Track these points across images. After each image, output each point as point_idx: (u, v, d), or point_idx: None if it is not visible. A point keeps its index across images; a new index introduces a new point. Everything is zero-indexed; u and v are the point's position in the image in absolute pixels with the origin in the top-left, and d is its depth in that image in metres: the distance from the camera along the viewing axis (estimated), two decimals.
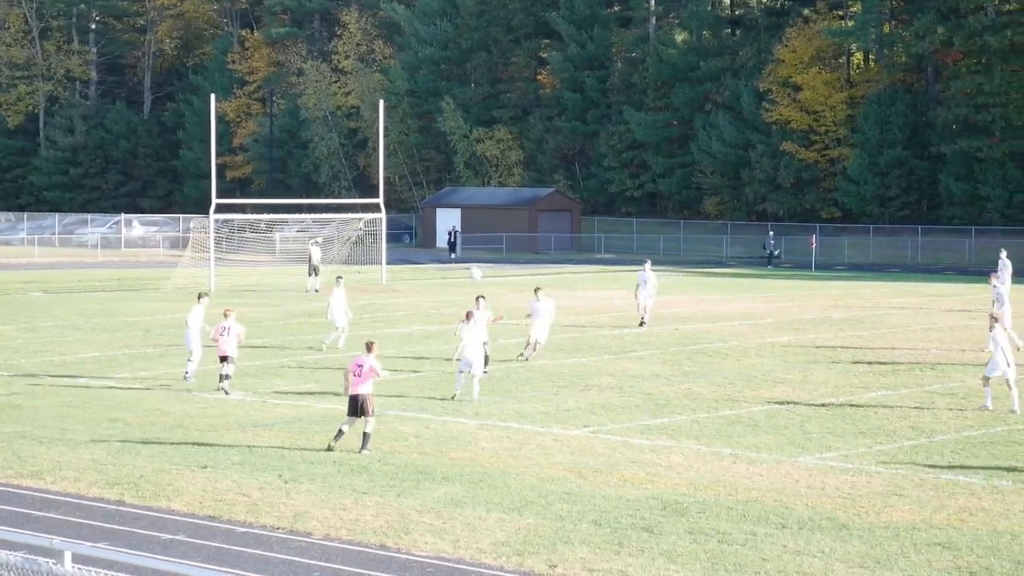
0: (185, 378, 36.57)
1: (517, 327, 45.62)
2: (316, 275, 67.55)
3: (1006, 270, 54.49)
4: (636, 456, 26.59)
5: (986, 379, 31.70)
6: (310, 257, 68.62)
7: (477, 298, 38.16)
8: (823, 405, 32.57)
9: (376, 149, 79.04)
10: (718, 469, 25.42)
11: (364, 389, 27.20)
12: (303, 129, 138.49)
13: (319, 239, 72.23)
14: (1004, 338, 31.92)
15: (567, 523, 21.41)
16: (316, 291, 65.78)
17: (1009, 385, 31.39)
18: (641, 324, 49.06)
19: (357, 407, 27.11)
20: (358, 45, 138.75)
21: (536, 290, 41.89)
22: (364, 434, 27.08)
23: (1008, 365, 31.31)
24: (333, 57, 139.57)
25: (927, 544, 20.16)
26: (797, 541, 20.33)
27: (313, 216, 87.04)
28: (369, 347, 27.86)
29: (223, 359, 34.45)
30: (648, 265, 50.54)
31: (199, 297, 38.86)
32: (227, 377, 34.40)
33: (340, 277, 47.01)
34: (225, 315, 35.29)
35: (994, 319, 33.38)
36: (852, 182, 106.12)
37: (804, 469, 25.44)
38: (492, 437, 28.56)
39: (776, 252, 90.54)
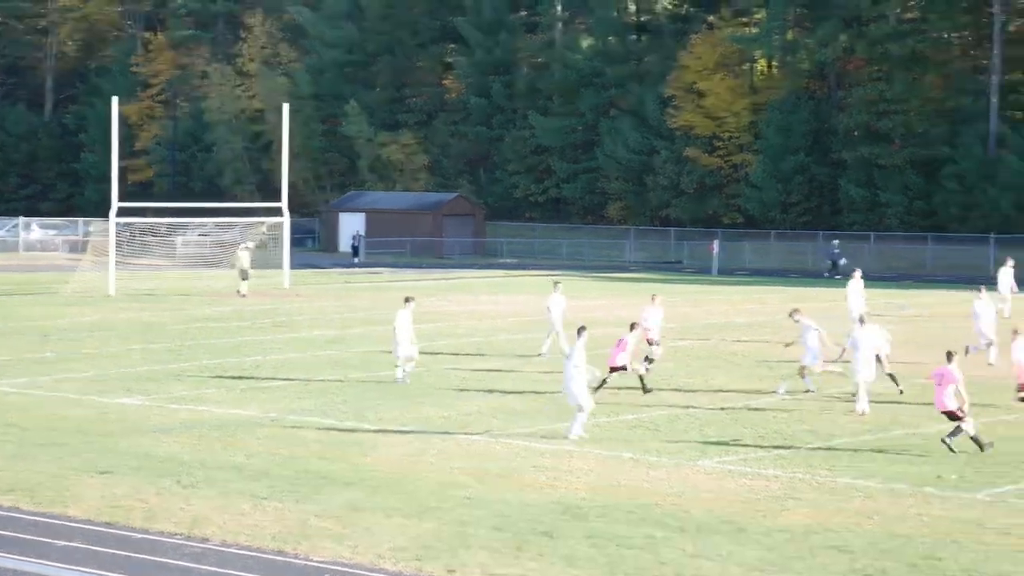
0: (398, 380, 36.79)
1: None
2: (246, 279, 66.80)
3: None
4: (537, 461, 26.62)
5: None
6: (239, 262, 67.77)
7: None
8: (723, 409, 32.76)
9: (280, 153, 78.53)
10: (618, 473, 25.50)
11: (948, 405, 27.41)
12: (207, 132, 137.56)
13: (250, 244, 71.56)
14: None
15: (467, 528, 21.39)
16: (243, 295, 65.25)
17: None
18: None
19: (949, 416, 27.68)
20: (263, 48, 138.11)
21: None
22: (972, 438, 27.39)
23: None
24: (238, 60, 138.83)
25: (824, 547, 20.31)
26: (695, 544, 20.42)
27: (216, 220, 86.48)
28: (949, 357, 27.88)
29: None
30: (859, 273, 49.41)
31: (406, 301, 38.07)
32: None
33: (558, 283, 45.37)
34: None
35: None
36: (755, 188, 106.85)
37: (703, 473, 25.57)
38: (394, 442, 28.50)
39: (841, 261, 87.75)
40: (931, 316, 57.28)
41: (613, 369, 34.57)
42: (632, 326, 35.48)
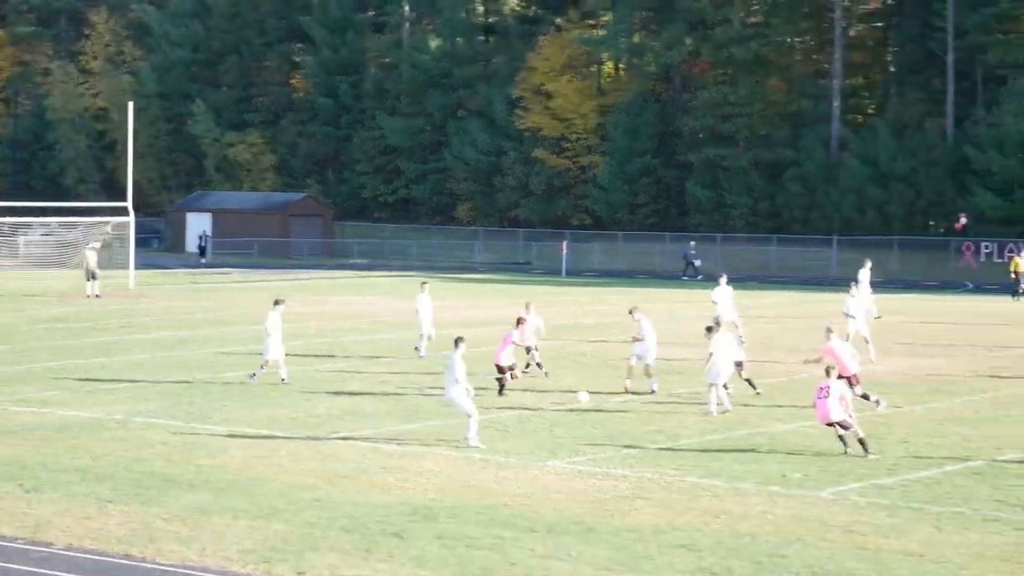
0: (287, 381, 36.39)
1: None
2: (94, 279, 65.83)
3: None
4: (387, 462, 26.56)
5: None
6: (87, 262, 66.75)
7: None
8: (572, 410, 32.90)
9: (125, 152, 77.64)
10: (468, 474, 25.52)
11: (833, 416, 27.07)
12: (49, 131, 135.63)
13: (96, 244, 70.52)
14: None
15: (316, 530, 21.29)
16: (97, 296, 64.35)
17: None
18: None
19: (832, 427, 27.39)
20: (107, 46, 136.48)
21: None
22: (859, 440, 27.09)
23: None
24: (81, 58, 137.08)
25: (671, 546, 20.49)
26: (545, 545, 20.49)
27: (59, 220, 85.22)
28: (828, 372, 27.73)
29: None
30: (724, 279, 48.84)
31: (276, 303, 37.65)
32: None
33: (425, 283, 44.90)
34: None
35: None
36: (602, 189, 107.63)
37: (553, 473, 25.68)
38: (242, 444, 28.28)
39: (697, 263, 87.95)
40: (775, 317, 58.07)
41: (500, 368, 35.00)
42: (518, 321, 35.84)
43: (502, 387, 34.86)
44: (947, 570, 19.40)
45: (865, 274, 53.15)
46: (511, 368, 34.97)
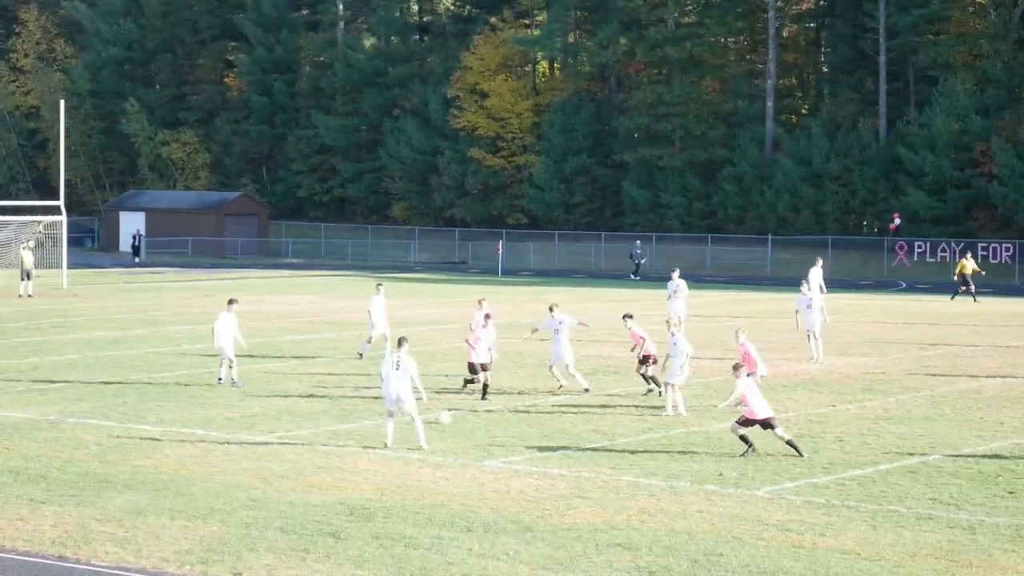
0: (223, 382, 36.21)
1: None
2: (29, 279, 65.40)
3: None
4: (323, 462, 26.48)
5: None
6: (22, 262, 66.32)
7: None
8: (509, 409, 32.91)
9: (57, 150, 77.13)
10: (405, 474, 25.48)
11: (759, 413, 27.15)
12: None
13: (31, 243, 70.02)
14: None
15: (252, 530, 21.19)
16: (30, 295, 63.94)
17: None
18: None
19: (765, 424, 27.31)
20: (38, 43, 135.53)
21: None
22: (788, 442, 27.16)
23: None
24: (11, 55, 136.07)
25: (608, 545, 20.52)
26: (482, 544, 20.49)
27: None
28: (736, 368, 27.82)
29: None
30: (677, 274, 49.54)
31: (229, 303, 37.34)
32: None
33: (380, 284, 44.91)
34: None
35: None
36: (538, 188, 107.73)
37: (490, 473, 25.67)
38: (177, 444, 28.13)
39: (643, 262, 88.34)
40: (710, 316, 58.26)
41: (473, 367, 34.88)
42: (486, 317, 35.73)
43: (470, 382, 34.91)
44: (882, 568, 19.52)
45: (816, 272, 53.53)
46: (484, 367, 34.74)
